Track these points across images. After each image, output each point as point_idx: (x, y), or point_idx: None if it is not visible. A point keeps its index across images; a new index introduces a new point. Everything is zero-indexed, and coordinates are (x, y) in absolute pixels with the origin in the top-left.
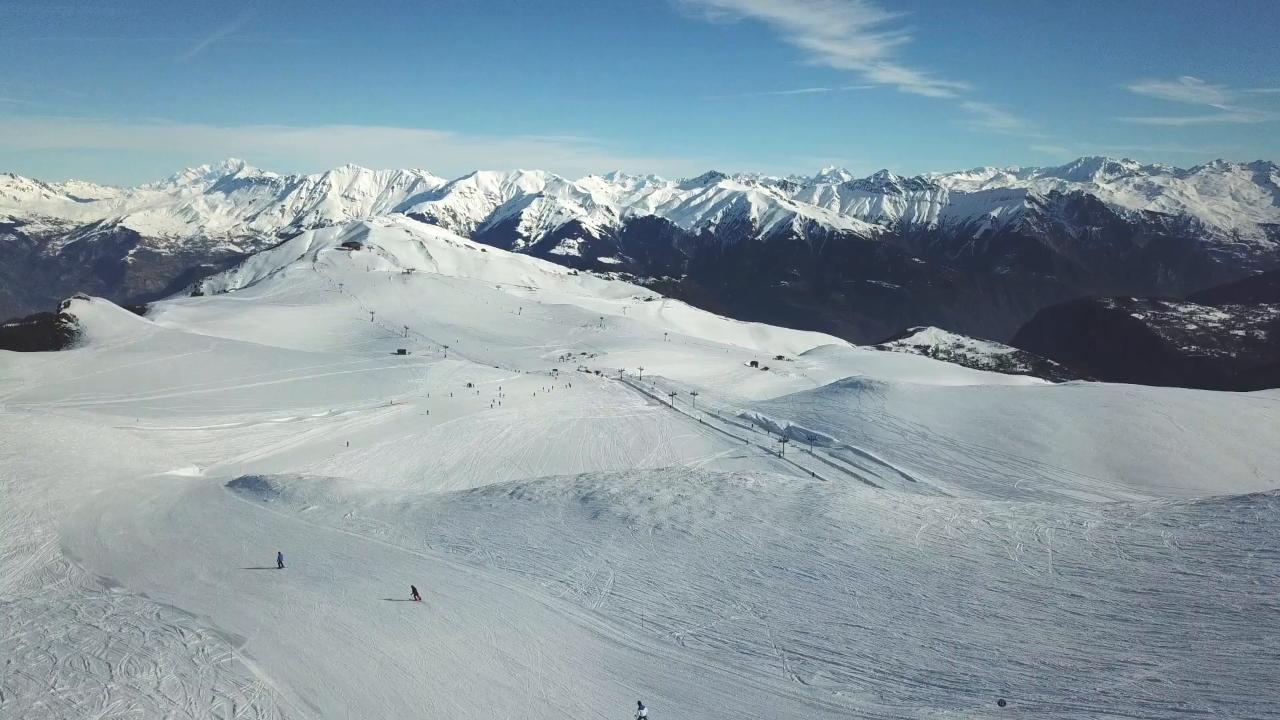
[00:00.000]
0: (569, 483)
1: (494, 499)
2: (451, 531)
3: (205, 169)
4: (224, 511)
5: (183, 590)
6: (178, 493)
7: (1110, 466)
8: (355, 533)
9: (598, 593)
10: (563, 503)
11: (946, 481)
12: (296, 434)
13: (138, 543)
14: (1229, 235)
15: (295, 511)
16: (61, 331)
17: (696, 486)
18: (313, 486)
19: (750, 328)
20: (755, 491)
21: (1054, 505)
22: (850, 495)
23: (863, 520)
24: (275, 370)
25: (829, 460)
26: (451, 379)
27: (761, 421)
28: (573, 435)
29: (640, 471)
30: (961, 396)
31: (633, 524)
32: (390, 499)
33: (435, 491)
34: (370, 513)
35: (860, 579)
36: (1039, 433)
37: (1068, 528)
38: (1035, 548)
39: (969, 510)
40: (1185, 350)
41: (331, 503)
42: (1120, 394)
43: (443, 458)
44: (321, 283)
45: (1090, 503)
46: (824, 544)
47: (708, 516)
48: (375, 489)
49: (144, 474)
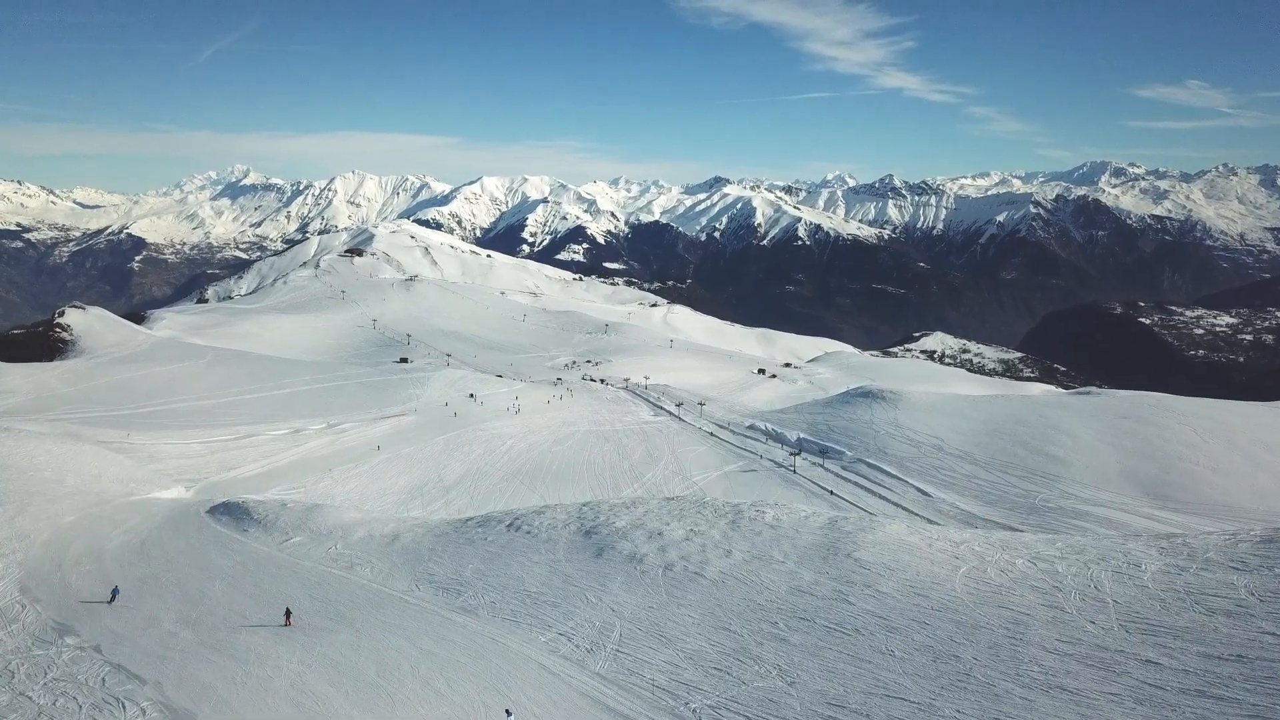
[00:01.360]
0: (571, 513)
1: (489, 531)
2: (442, 570)
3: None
4: (201, 543)
5: (141, 642)
6: (155, 519)
7: (1134, 481)
8: (339, 570)
9: (602, 649)
10: (564, 537)
11: (964, 497)
12: (293, 447)
13: (104, 579)
14: (1236, 239)
15: (276, 544)
16: (55, 341)
17: (710, 520)
18: (297, 515)
19: (756, 333)
20: (775, 526)
21: (1103, 541)
22: (880, 531)
23: (895, 561)
24: (273, 380)
25: (842, 474)
26: (453, 389)
27: (771, 433)
28: (577, 448)
29: (648, 501)
30: (976, 406)
31: (641, 564)
32: (379, 529)
33: (428, 520)
34: (357, 546)
35: (899, 635)
36: (1058, 445)
37: (1125, 570)
38: (1093, 597)
39: (1011, 548)
40: (1193, 355)
41: (316, 534)
42: (1140, 404)
43: (443, 472)
44: (323, 290)
45: (1141, 535)
46: (854, 590)
47: (724, 556)
48: (363, 517)
49: (123, 498)
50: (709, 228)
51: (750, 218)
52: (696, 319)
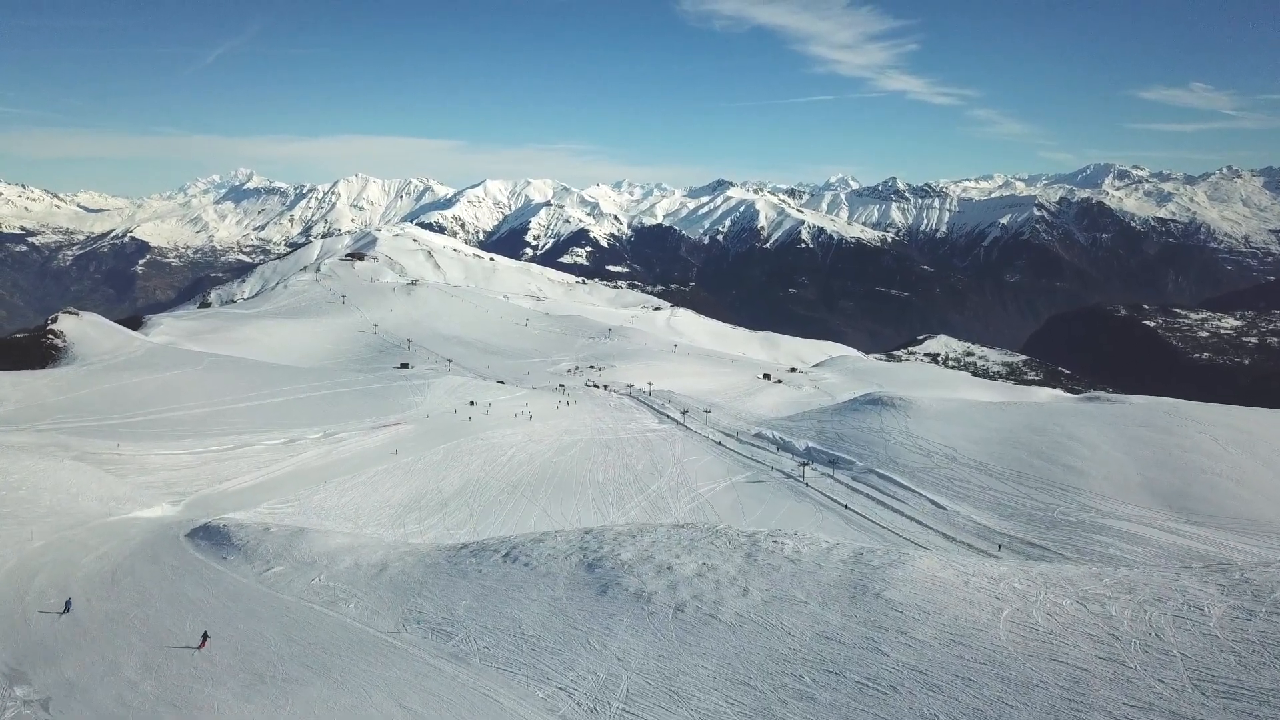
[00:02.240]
0: (572, 542)
1: (484, 562)
2: (433, 607)
3: (215, 179)
4: (176, 571)
5: (96, 695)
6: (132, 544)
7: (1155, 493)
8: (321, 605)
9: (607, 708)
10: (564, 570)
11: (979, 509)
12: (288, 457)
13: (70, 616)
14: (1240, 241)
15: (256, 574)
16: (48, 348)
17: (724, 552)
18: (280, 541)
19: (759, 337)
20: (795, 560)
21: (1154, 576)
22: (910, 566)
23: (930, 602)
24: (269, 388)
25: (853, 485)
26: (454, 396)
27: (779, 441)
28: (580, 457)
29: (656, 529)
30: (988, 414)
31: (649, 603)
32: (366, 557)
33: (419, 547)
34: (342, 577)
35: (941, 695)
36: (1075, 455)
37: (1185, 614)
38: (1156, 648)
39: (1055, 585)
40: (1197, 358)
41: (299, 563)
42: (1157, 412)
43: (441, 484)
44: (324, 294)
45: (1192, 567)
46: (887, 638)
47: (740, 595)
48: (350, 543)
49: (100, 518)
50: (712, 231)
51: (753, 220)
52: (700, 322)
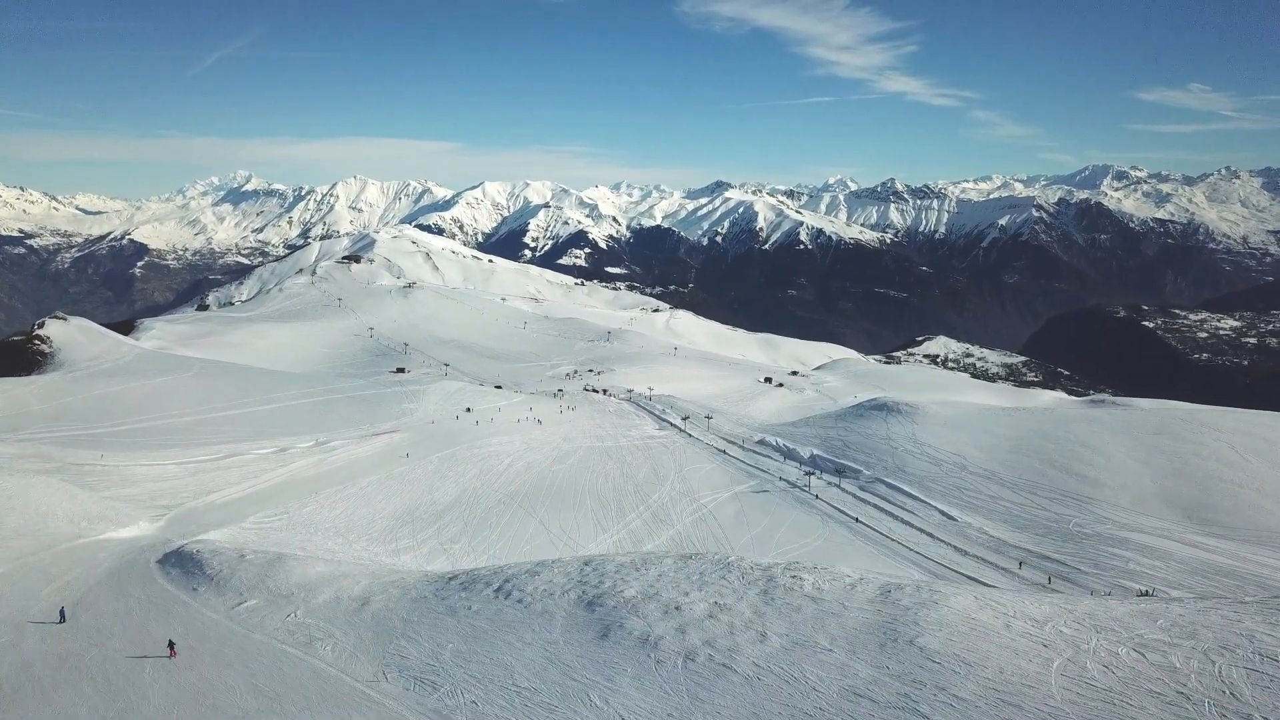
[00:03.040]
0: (571, 575)
1: (475, 597)
2: (417, 651)
3: (214, 181)
4: (142, 605)
5: None
6: (98, 571)
7: (1173, 504)
8: (295, 647)
9: None
10: (562, 609)
11: (992, 521)
12: (278, 467)
13: (18, 657)
14: (1239, 242)
15: (228, 608)
16: (34, 354)
17: (737, 589)
18: (255, 569)
19: (759, 338)
20: (816, 598)
21: (1211, 616)
22: (944, 607)
23: (970, 651)
24: (261, 394)
25: (860, 495)
26: (450, 402)
27: (783, 448)
28: (579, 466)
29: (662, 560)
30: (997, 421)
31: (655, 649)
32: (348, 589)
33: (405, 577)
34: (320, 612)
35: None
36: (1089, 464)
37: (1258, 666)
38: (1234, 711)
39: (1106, 629)
40: (1197, 358)
41: (274, 595)
42: (1172, 418)
43: (435, 494)
44: (320, 297)
45: (1250, 603)
46: (925, 695)
47: (757, 641)
48: (331, 571)
49: (69, 541)
50: (711, 232)
51: (752, 222)
52: (699, 324)
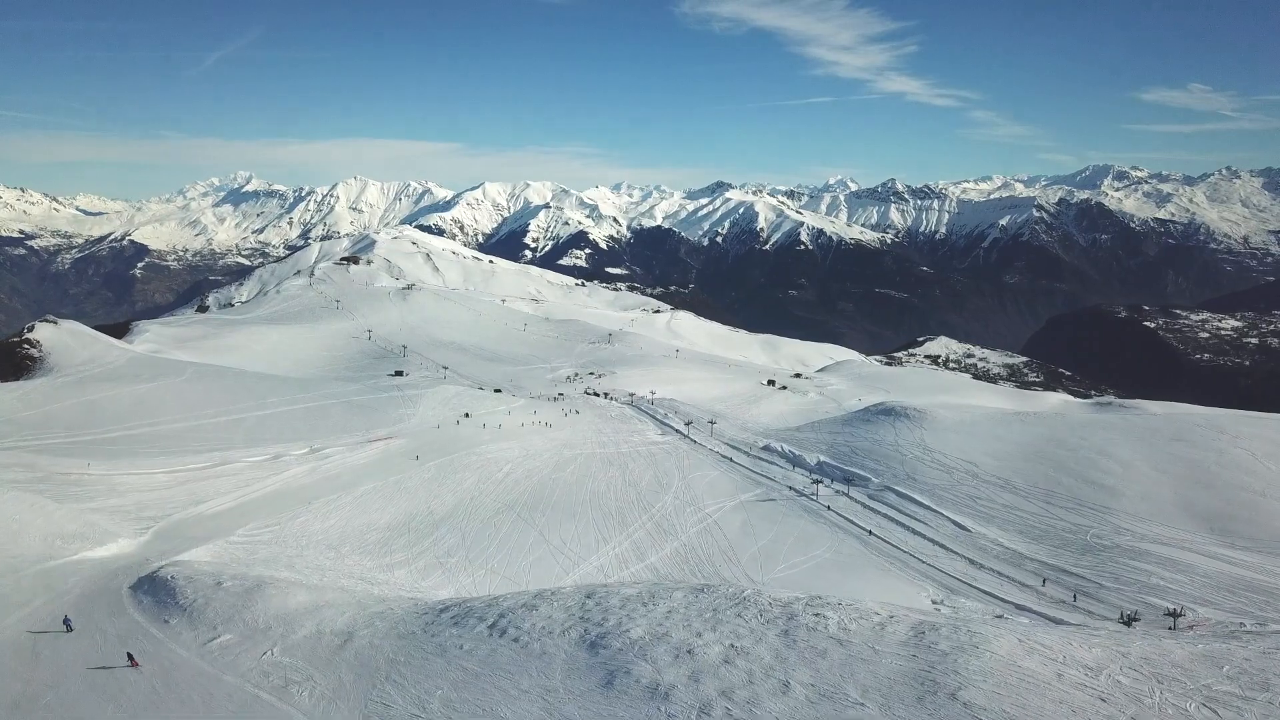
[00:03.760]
0: (571, 610)
1: (467, 634)
2: (402, 699)
3: (214, 182)
4: (108, 641)
5: None
6: (66, 598)
7: (1194, 514)
8: (268, 692)
9: None
10: (563, 650)
11: (1007, 532)
12: (271, 475)
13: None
14: (1239, 242)
15: (199, 644)
16: (22, 359)
17: (755, 629)
18: (232, 599)
19: (760, 339)
20: (843, 640)
21: (1278, 656)
22: (986, 652)
23: (1021, 708)
24: (255, 399)
25: (869, 504)
26: (448, 407)
27: (788, 454)
28: (580, 473)
29: (672, 594)
30: (1008, 426)
31: (666, 702)
32: (330, 622)
33: (393, 607)
34: (299, 650)
35: None
36: (1106, 471)
37: None
38: None
39: (1167, 678)
40: (1198, 359)
41: (251, 629)
42: (1189, 424)
43: (433, 504)
44: (317, 299)
45: None
46: None
47: (779, 692)
48: (313, 601)
49: (39, 563)
50: (711, 232)
51: (752, 222)
52: (700, 325)
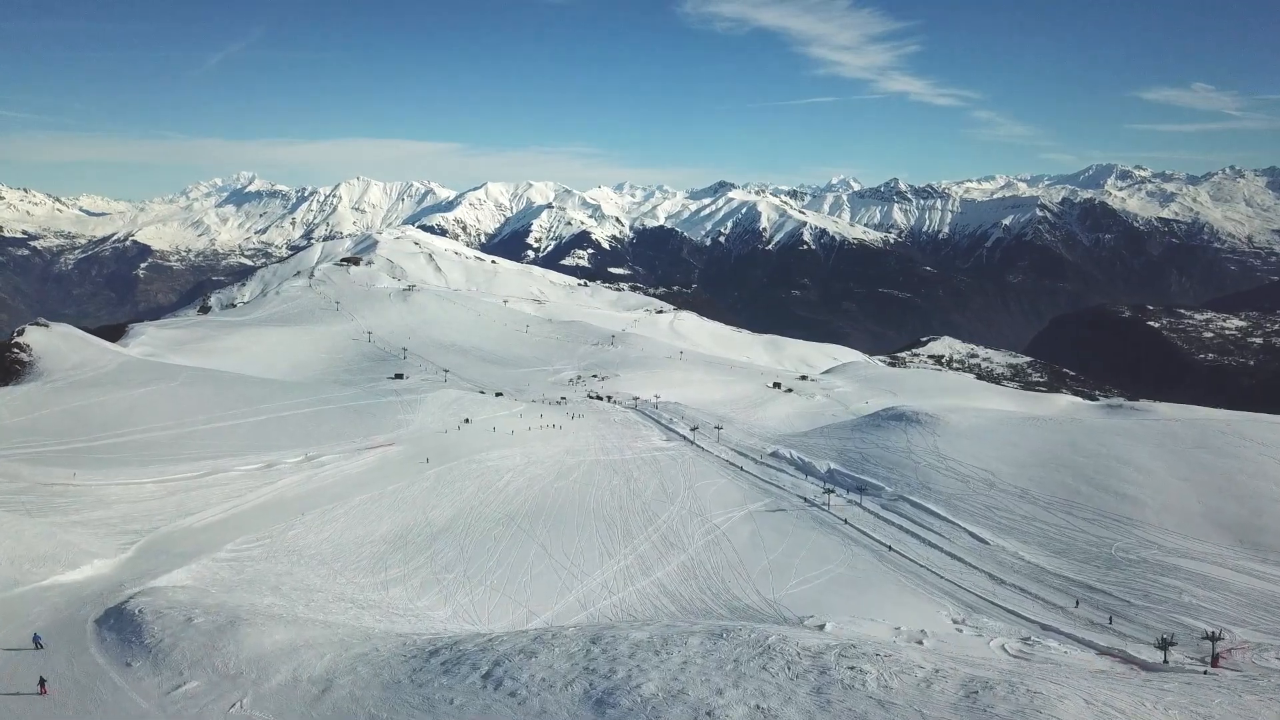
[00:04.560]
0: (575, 657)
1: (458, 684)
2: None
3: (217, 182)
4: (65, 685)
5: None
6: (27, 631)
7: (1221, 525)
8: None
9: None
10: (564, 707)
11: (1027, 545)
12: (263, 485)
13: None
14: (1243, 242)
15: (162, 693)
16: (12, 363)
17: (783, 685)
18: (203, 638)
19: (764, 340)
20: (885, 702)
21: None
22: (1051, 716)
23: None
24: (249, 405)
25: (883, 515)
26: (448, 412)
27: (798, 462)
28: (582, 481)
29: (687, 639)
30: (1023, 432)
31: None
32: (308, 667)
33: (379, 647)
34: (271, 701)
35: None
36: (1128, 481)
37: None
38: None
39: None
40: (1202, 358)
41: (220, 675)
42: (1211, 430)
43: (431, 514)
44: (317, 301)
45: None
46: None
47: None
48: (290, 642)
49: (4, 590)
50: (714, 232)
51: (755, 222)
52: (703, 325)
